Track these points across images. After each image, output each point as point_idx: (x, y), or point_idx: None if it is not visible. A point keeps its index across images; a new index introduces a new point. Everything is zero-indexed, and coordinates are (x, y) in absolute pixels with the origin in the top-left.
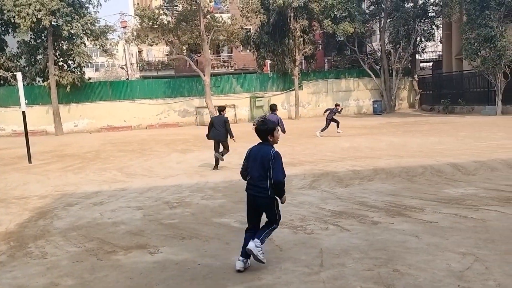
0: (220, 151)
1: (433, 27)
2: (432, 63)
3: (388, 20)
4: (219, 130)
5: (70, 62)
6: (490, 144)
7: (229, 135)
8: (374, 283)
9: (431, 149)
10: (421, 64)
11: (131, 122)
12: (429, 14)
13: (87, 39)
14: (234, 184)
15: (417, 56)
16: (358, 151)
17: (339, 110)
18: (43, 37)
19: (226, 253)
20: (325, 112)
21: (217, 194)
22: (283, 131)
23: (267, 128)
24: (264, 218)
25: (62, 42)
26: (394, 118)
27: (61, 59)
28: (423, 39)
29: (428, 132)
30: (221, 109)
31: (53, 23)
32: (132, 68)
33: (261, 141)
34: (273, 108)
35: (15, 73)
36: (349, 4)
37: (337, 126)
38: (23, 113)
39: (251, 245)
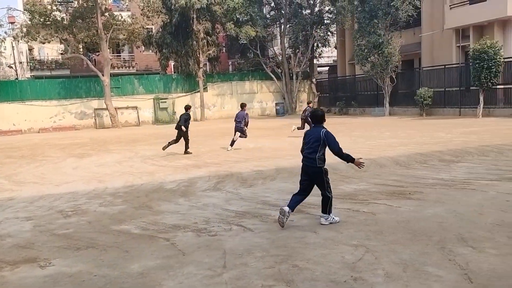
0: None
1: (329, 33)
2: (328, 67)
3: (288, 26)
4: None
5: None
6: (379, 143)
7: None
8: (274, 280)
9: None
10: (319, 68)
11: (21, 126)
12: (325, 21)
13: None
14: (136, 188)
15: (315, 61)
16: (262, 152)
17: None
18: None
19: (125, 262)
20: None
21: (117, 200)
22: (246, 124)
23: (321, 114)
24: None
25: None
26: (296, 120)
27: None
28: (320, 45)
29: None
30: (243, 105)
31: None
32: (22, 67)
33: (314, 125)
34: (242, 106)
35: None
36: (251, 8)
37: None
38: None
39: (322, 220)
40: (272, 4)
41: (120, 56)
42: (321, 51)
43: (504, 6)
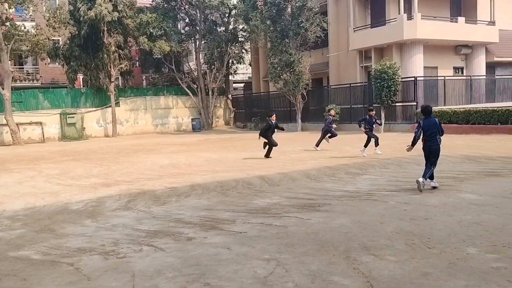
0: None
1: (243, 51)
2: (244, 84)
3: (203, 42)
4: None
5: None
6: (292, 157)
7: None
8: None
9: (243, 163)
10: (234, 85)
11: None
12: (239, 39)
13: None
14: (38, 210)
15: (230, 77)
16: (177, 168)
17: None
18: None
19: None
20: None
21: (16, 223)
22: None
23: (431, 108)
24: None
25: None
26: (212, 135)
27: None
28: (235, 62)
29: (241, 147)
30: (270, 115)
31: None
32: None
33: (425, 116)
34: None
35: None
36: (165, 23)
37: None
38: None
39: (420, 179)
40: (187, 20)
41: (23, 68)
42: (236, 67)
43: (401, 30)
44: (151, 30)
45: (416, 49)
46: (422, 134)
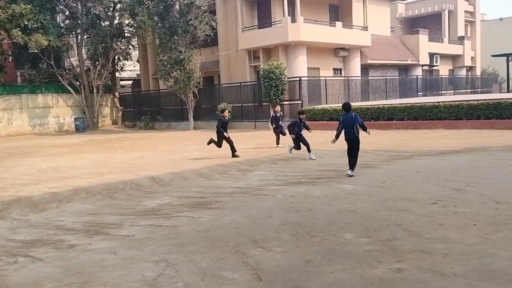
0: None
1: (130, 47)
2: (132, 81)
3: (86, 37)
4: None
5: None
6: (184, 156)
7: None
8: None
9: (132, 164)
10: (122, 82)
11: None
12: (126, 34)
13: None
14: None
15: (117, 74)
16: (58, 171)
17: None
18: None
19: None
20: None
21: None
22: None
23: (350, 105)
24: None
25: None
26: (97, 135)
27: None
28: (121, 58)
29: (130, 147)
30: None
31: None
32: None
33: (345, 112)
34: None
35: None
36: (42, 15)
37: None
38: None
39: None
40: (67, 13)
41: None
42: (123, 64)
43: (286, 32)
44: (25, 23)
45: (300, 50)
46: (342, 127)
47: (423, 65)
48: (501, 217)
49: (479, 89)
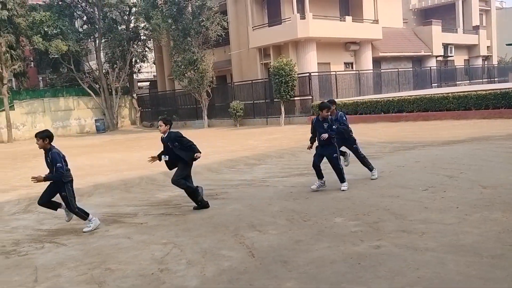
0: None
1: (146, 49)
2: (149, 82)
3: (103, 41)
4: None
5: None
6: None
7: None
8: (87, 284)
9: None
10: (139, 84)
11: None
12: (142, 37)
13: None
14: None
15: (135, 76)
16: (80, 170)
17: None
18: None
19: None
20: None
21: None
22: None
23: (322, 106)
24: None
25: None
26: (117, 136)
27: None
28: (138, 60)
29: (147, 146)
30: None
31: None
32: None
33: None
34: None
35: None
36: (61, 21)
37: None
38: None
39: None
40: (85, 18)
41: None
42: (140, 66)
43: (295, 29)
44: (45, 29)
45: (310, 46)
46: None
47: (437, 56)
48: (483, 200)
49: (496, 79)
